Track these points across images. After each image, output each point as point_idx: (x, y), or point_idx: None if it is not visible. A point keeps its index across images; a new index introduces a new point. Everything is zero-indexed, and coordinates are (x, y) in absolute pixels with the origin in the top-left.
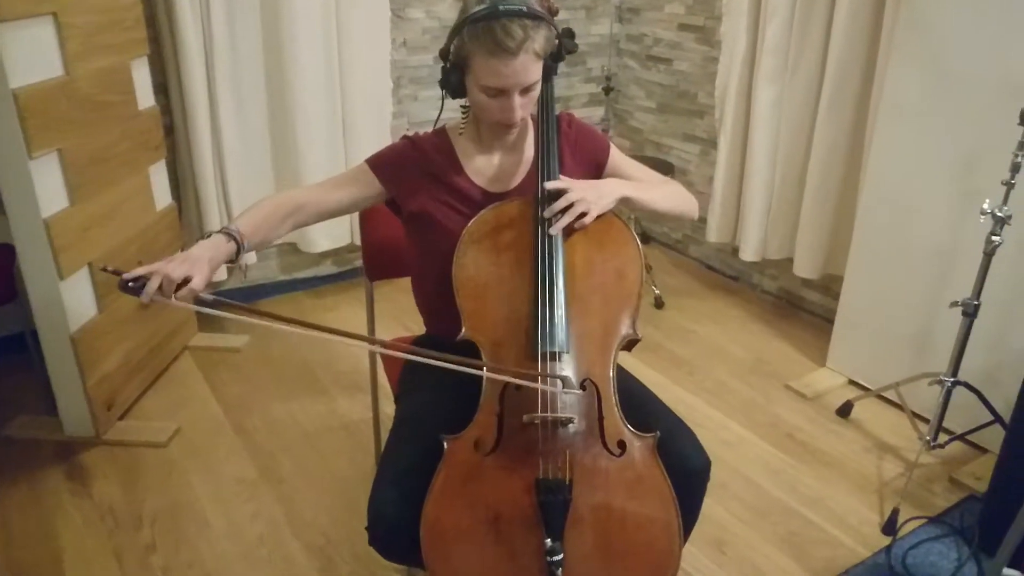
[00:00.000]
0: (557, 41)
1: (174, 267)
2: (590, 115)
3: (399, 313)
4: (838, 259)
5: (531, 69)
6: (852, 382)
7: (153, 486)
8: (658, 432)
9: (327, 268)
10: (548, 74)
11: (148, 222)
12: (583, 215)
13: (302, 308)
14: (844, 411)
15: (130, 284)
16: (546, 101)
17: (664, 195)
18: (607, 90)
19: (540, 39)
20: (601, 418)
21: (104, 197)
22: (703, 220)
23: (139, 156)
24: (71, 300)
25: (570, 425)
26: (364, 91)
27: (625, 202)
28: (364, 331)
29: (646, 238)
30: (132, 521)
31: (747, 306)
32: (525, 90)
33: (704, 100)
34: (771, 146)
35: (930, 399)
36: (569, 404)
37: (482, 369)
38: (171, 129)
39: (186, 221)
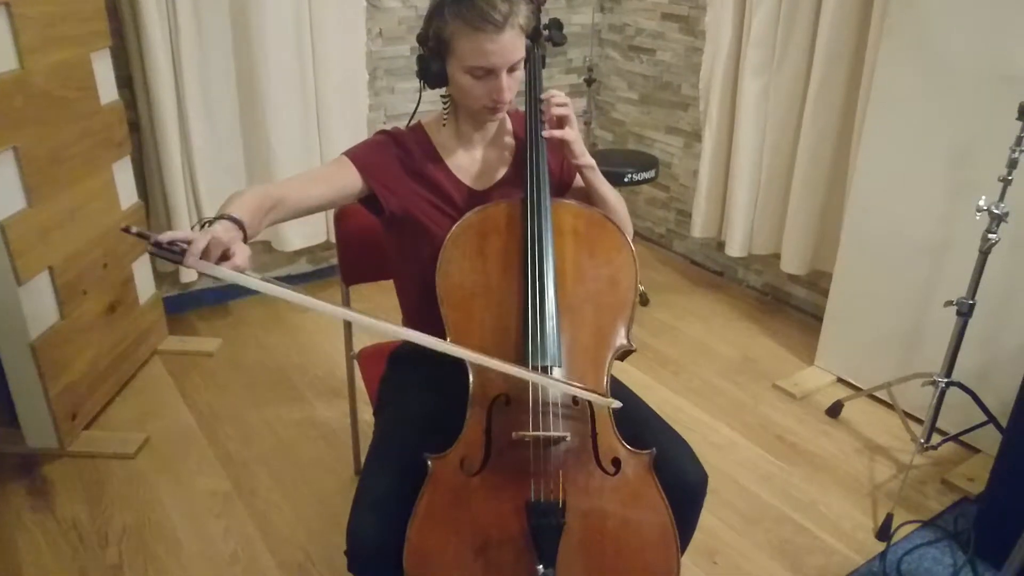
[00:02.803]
0: (537, 17)
1: (219, 232)
2: None
3: (378, 315)
4: (825, 254)
5: (518, 45)
6: (841, 381)
7: (120, 501)
8: (654, 449)
9: (302, 267)
10: (530, 54)
11: (112, 222)
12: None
13: (276, 308)
14: (834, 411)
15: (165, 246)
16: (534, 83)
17: (616, 198)
18: (589, 81)
19: (524, 12)
20: (595, 435)
21: (65, 197)
22: (687, 215)
23: (102, 153)
24: (31, 306)
25: (562, 443)
26: (339, 83)
27: (590, 171)
28: (340, 337)
29: None
30: (98, 539)
31: (733, 302)
32: (511, 68)
33: (688, 92)
34: (757, 138)
35: (921, 398)
36: (562, 421)
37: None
38: (136, 125)
39: (154, 220)
